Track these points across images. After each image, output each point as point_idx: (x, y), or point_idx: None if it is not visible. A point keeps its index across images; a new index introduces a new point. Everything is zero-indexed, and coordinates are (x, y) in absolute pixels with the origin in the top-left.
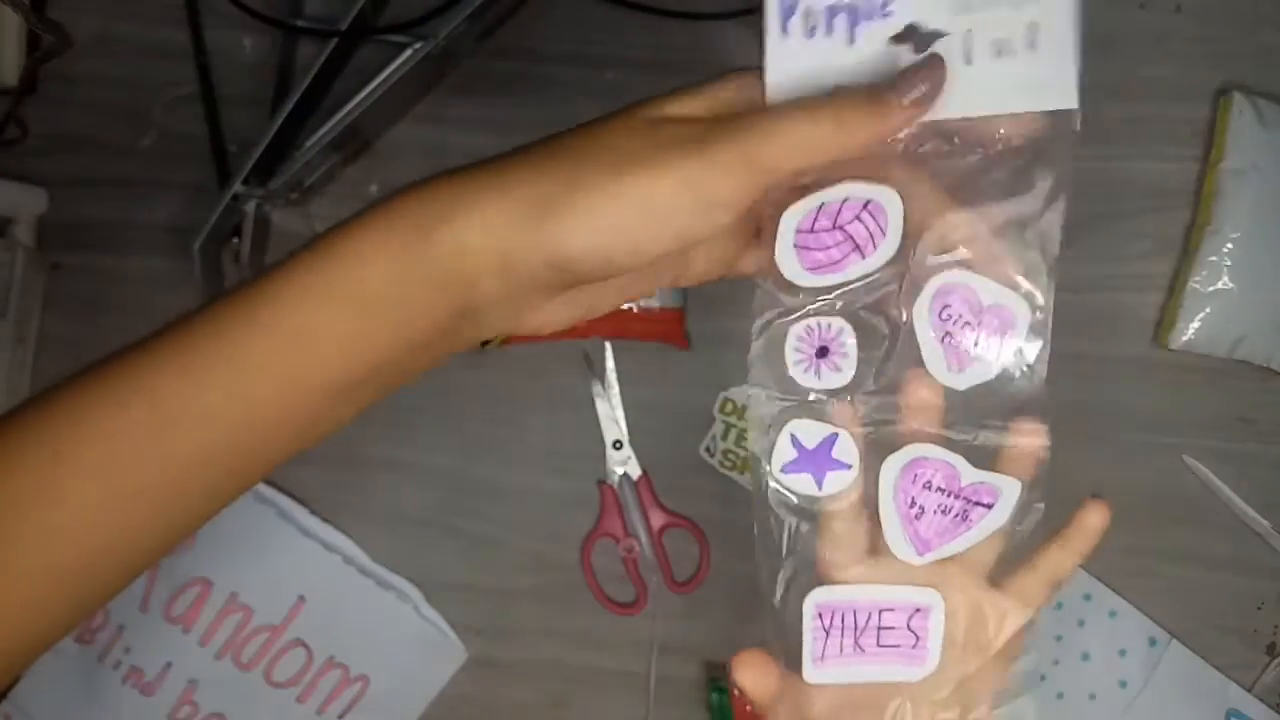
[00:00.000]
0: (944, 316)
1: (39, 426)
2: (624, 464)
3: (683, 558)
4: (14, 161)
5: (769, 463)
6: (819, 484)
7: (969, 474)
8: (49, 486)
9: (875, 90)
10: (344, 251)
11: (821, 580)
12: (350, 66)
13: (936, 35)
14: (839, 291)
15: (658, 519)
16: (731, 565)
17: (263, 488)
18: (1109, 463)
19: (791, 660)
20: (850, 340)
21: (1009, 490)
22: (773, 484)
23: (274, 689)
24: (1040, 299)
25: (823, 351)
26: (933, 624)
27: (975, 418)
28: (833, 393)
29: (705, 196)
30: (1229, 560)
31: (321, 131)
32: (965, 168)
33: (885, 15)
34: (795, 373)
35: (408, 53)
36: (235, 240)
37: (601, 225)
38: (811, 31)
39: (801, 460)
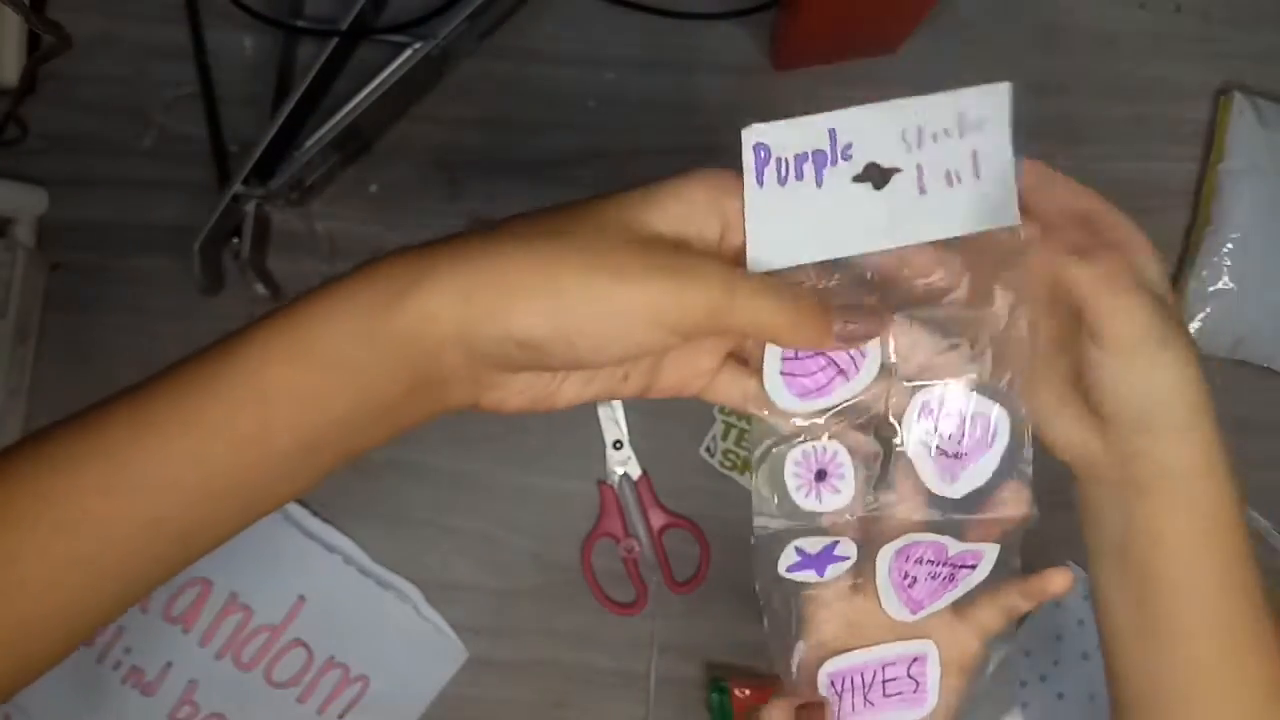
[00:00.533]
0: (931, 429)
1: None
2: (624, 464)
3: (683, 558)
4: (14, 161)
5: (775, 565)
6: (820, 574)
7: (955, 547)
8: (4, 549)
9: (826, 318)
10: (310, 313)
11: (825, 648)
12: (350, 66)
13: (893, 171)
14: (829, 415)
15: (658, 519)
16: (731, 565)
17: None
18: None
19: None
20: (846, 461)
21: (990, 553)
22: (774, 578)
23: (274, 689)
24: (1018, 403)
25: (820, 475)
26: (930, 668)
27: (966, 507)
28: (833, 514)
29: (668, 325)
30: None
31: (321, 131)
32: (929, 291)
33: (847, 158)
34: (797, 498)
35: (408, 53)
36: (235, 240)
37: (565, 317)
38: (783, 179)
39: (804, 562)
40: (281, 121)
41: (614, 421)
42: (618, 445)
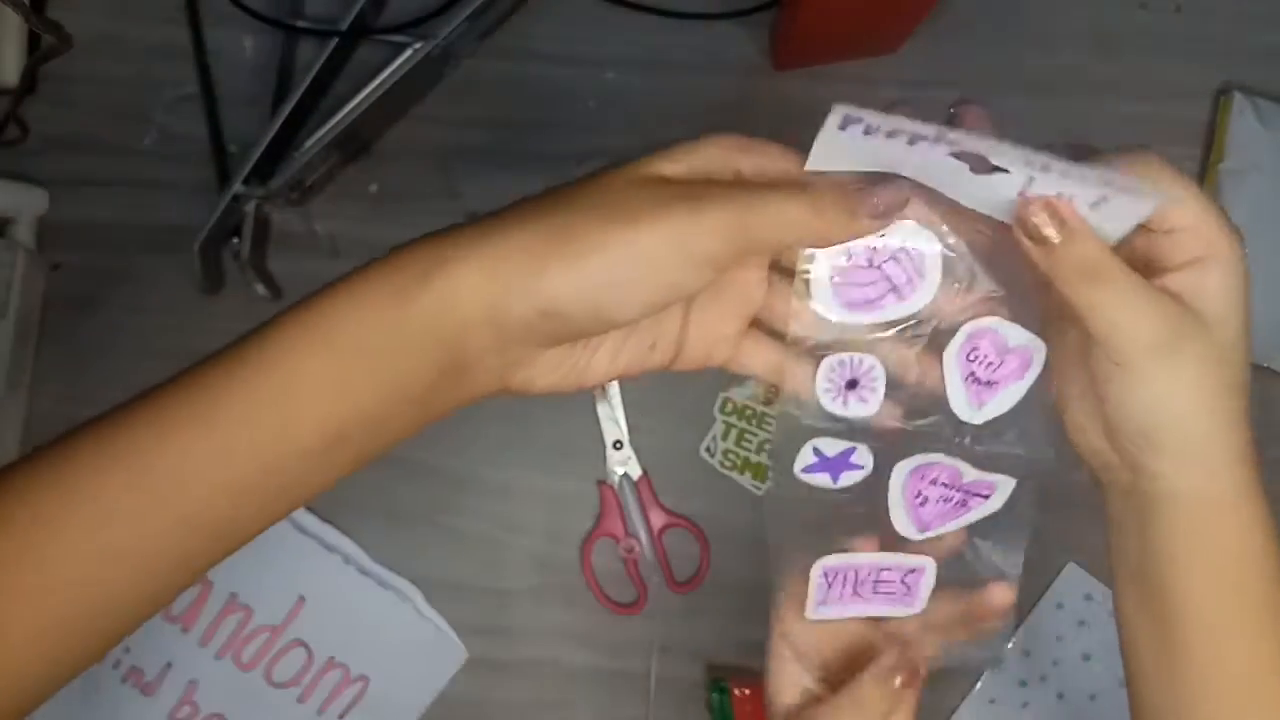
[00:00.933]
0: (971, 358)
1: (23, 490)
2: (624, 464)
3: (683, 558)
4: (14, 161)
5: (790, 465)
6: (835, 480)
7: (970, 474)
8: (30, 550)
9: (848, 196)
10: (332, 303)
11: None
12: (350, 67)
13: (1000, 170)
14: (874, 329)
15: (658, 519)
16: (731, 565)
17: None
18: None
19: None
20: (880, 375)
21: (1004, 486)
22: (788, 480)
23: (274, 689)
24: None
25: (852, 384)
26: (925, 579)
27: (986, 437)
28: (857, 421)
29: (692, 253)
30: None
31: (322, 132)
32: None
33: (950, 144)
34: (824, 400)
35: (408, 53)
36: (235, 240)
37: (590, 273)
38: (872, 132)
39: (820, 464)
40: (281, 122)
41: (614, 421)
42: (618, 445)
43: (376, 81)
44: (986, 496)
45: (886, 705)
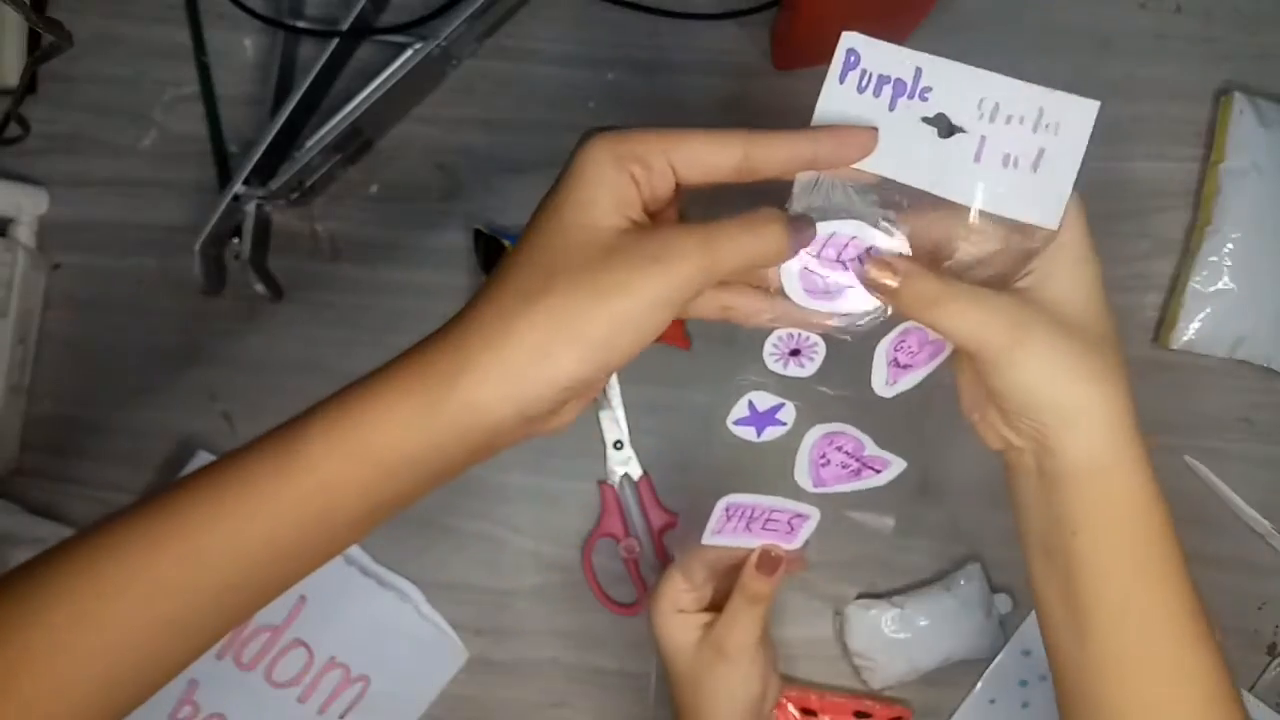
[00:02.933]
0: (897, 348)
1: (83, 558)
2: (624, 464)
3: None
4: (14, 161)
5: (724, 415)
6: (759, 434)
7: (871, 448)
8: (89, 616)
9: (786, 234)
10: (363, 410)
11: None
12: (351, 67)
13: (958, 130)
14: (828, 316)
15: (658, 519)
16: None
17: None
18: None
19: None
20: (821, 350)
21: (896, 464)
22: (720, 430)
23: (275, 689)
24: None
25: (795, 352)
26: (807, 525)
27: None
28: (793, 380)
29: (674, 301)
30: (1229, 560)
31: (322, 132)
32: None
33: (923, 99)
34: (768, 361)
35: (408, 53)
36: (236, 240)
37: (596, 346)
38: (861, 89)
39: (750, 418)
40: (282, 122)
41: (614, 421)
42: (618, 445)
43: (377, 82)
44: (878, 471)
45: (760, 587)
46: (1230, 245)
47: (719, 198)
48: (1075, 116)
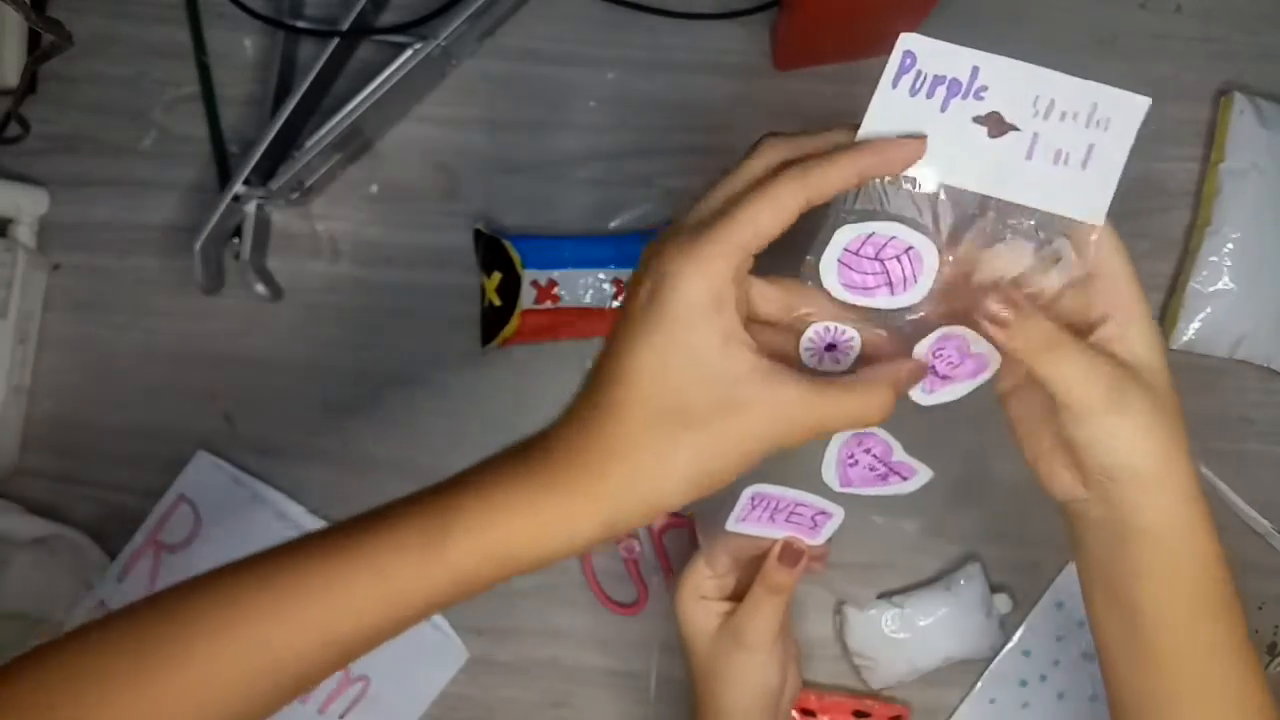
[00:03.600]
0: (937, 355)
1: (192, 619)
2: None
3: (683, 558)
4: (14, 161)
5: None
6: None
7: (899, 453)
8: (221, 676)
9: (889, 398)
10: (510, 521)
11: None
12: (351, 66)
13: (1010, 129)
14: (864, 312)
15: (658, 519)
16: None
17: (260, 488)
18: None
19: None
20: (856, 346)
21: (923, 473)
22: None
23: None
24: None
25: (830, 347)
26: (831, 522)
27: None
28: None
29: (706, 474)
30: (1230, 560)
31: (322, 132)
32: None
33: (978, 98)
34: (804, 357)
35: (408, 53)
36: (236, 240)
37: (711, 487)
38: (915, 91)
39: None
40: (282, 122)
41: None
42: None
43: (377, 81)
44: (905, 478)
45: (782, 578)
46: (1230, 245)
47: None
48: (1126, 113)
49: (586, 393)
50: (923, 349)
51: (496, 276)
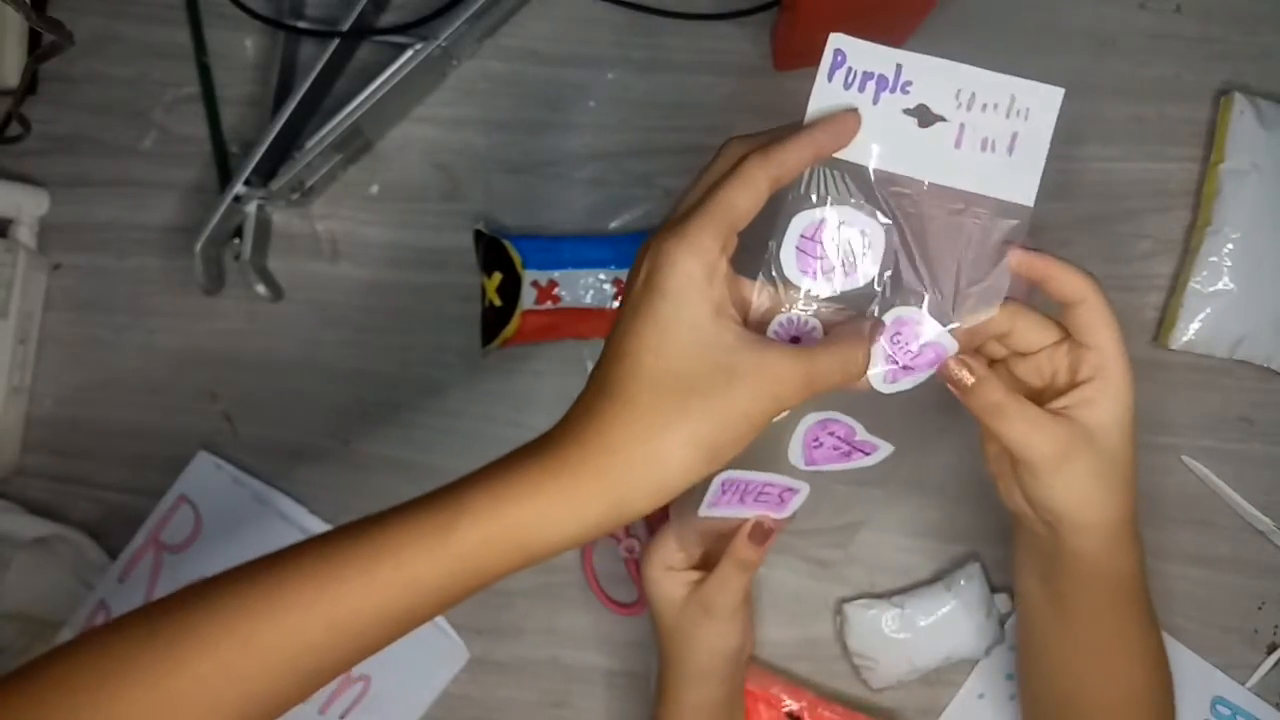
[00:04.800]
0: (895, 341)
1: (232, 611)
2: None
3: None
4: (14, 161)
5: None
6: None
7: (862, 433)
8: (236, 667)
9: (865, 353)
10: (519, 507)
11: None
12: (351, 67)
13: (938, 119)
14: (823, 299)
15: (658, 519)
16: None
17: (260, 488)
18: None
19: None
20: (819, 335)
21: (884, 448)
22: None
23: None
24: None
25: (795, 339)
26: (797, 498)
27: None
28: None
29: (712, 445)
30: (1229, 560)
31: (323, 132)
32: (945, 224)
33: (905, 92)
34: None
35: (408, 53)
36: (236, 241)
37: (719, 461)
38: (847, 86)
39: None
40: (282, 122)
41: None
42: None
43: (377, 82)
44: (867, 454)
45: (750, 555)
46: (1230, 245)
47: None
48: (1043, 103)
49: (591, 380)
50: (887, 332)
51: (497, 277)
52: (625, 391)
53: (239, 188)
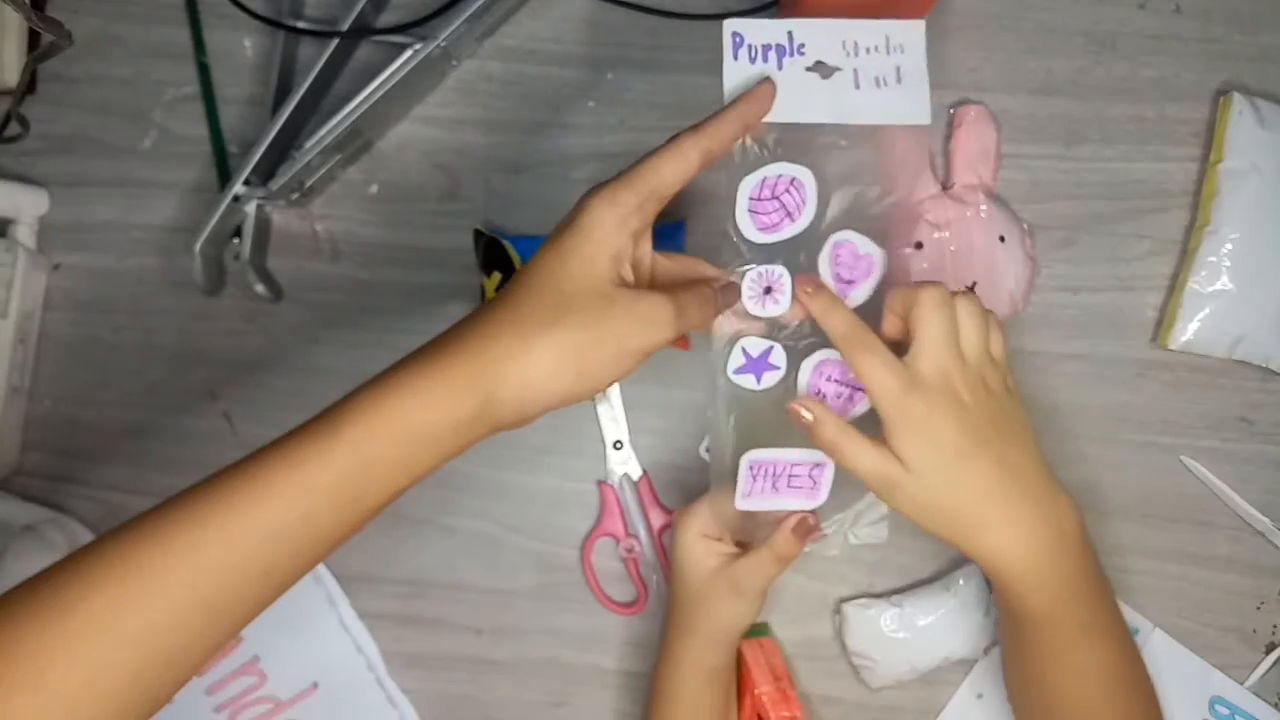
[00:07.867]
0: (837, 262)
1: (127, 543)
2: (624, 464)
3: None
4: (14, 161)
5: (725, 367)
6: (758, 380)
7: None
8: (131, 596)
9: (711, 303)
10: (400, 397)
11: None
12: (351, 67)
13: (835, 69)
14: (779, 245)
15: (658, 519)
16: None
17: (322, 571)
18: (1108, 462)
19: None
20: (787, 281)
21: None
22: (724, 382)
23: None
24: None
25: (768, 290)
26: (826, 472)
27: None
28: (773, 319)
29: (648, 355)
30: (1229, 560)
31: (322, 132)
32: (854, 159)
33: (801, 54)
34: (749, 304)
35: (408, 53)
36: (236, 241)
37: (592, 378)
38: (753, 60)
39: (748, 365)
40: (282, 122)
41: (614, 421)
42: (618, 445)
43: (377, 82)
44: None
45: (791, 549)
46: (1229, 246)
47: None
48: (911, 36)
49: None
50: (823, 261)
51: (496, 276)
52: (513, 299)
53: (238, 188)
